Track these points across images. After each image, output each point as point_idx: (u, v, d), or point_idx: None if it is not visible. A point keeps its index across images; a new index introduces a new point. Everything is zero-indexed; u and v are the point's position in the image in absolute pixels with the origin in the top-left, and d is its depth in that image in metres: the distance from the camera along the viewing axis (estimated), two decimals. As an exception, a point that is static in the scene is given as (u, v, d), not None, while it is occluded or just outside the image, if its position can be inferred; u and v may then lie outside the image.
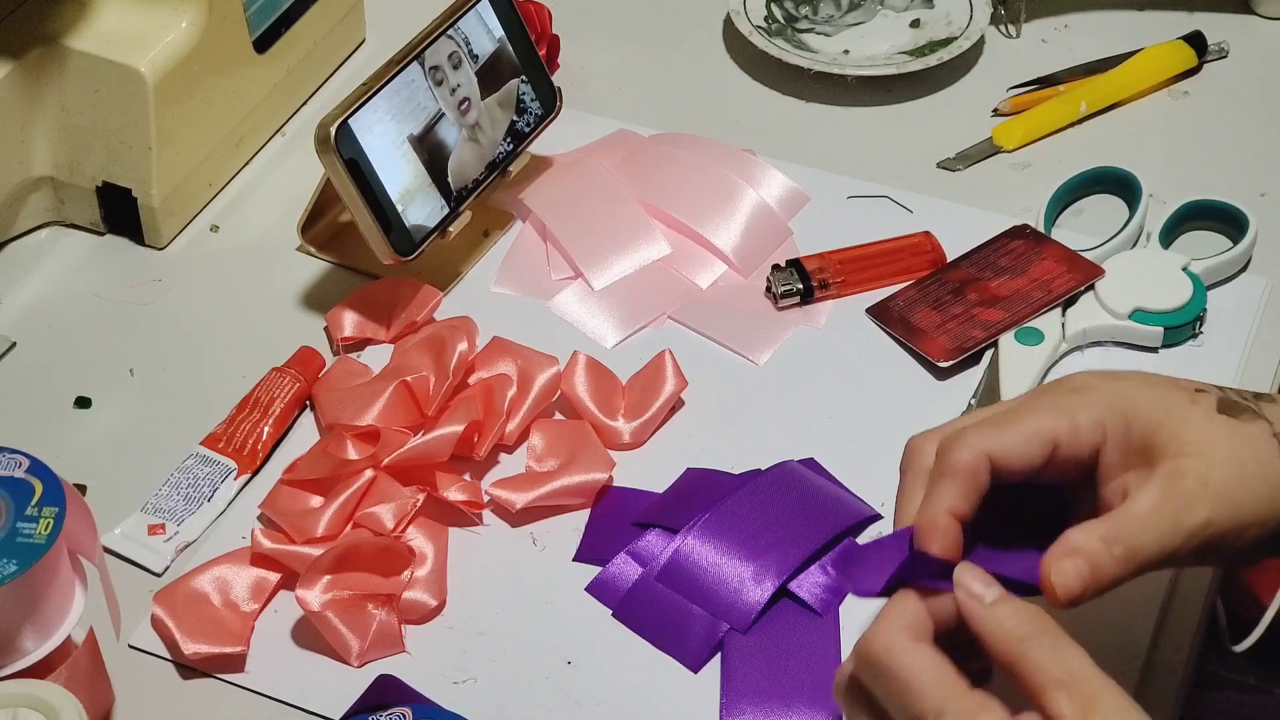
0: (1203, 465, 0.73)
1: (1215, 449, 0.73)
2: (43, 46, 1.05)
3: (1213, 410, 0.75)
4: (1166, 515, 0.72)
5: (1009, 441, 0.73)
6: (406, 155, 1.01)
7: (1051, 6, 1.27)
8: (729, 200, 1.09)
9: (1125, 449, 0.74)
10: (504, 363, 0.98)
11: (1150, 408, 0.74)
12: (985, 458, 0.73)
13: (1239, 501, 0.73)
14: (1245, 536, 0.74)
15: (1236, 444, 0.74)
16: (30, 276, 1.08)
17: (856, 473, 0.95)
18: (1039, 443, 0.73)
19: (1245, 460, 0.74)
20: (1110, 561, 0.71)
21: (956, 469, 0.73)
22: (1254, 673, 1.30)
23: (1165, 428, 0.74)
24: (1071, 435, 0.74)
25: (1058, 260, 1.04)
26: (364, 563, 0.88)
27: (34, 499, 0.77)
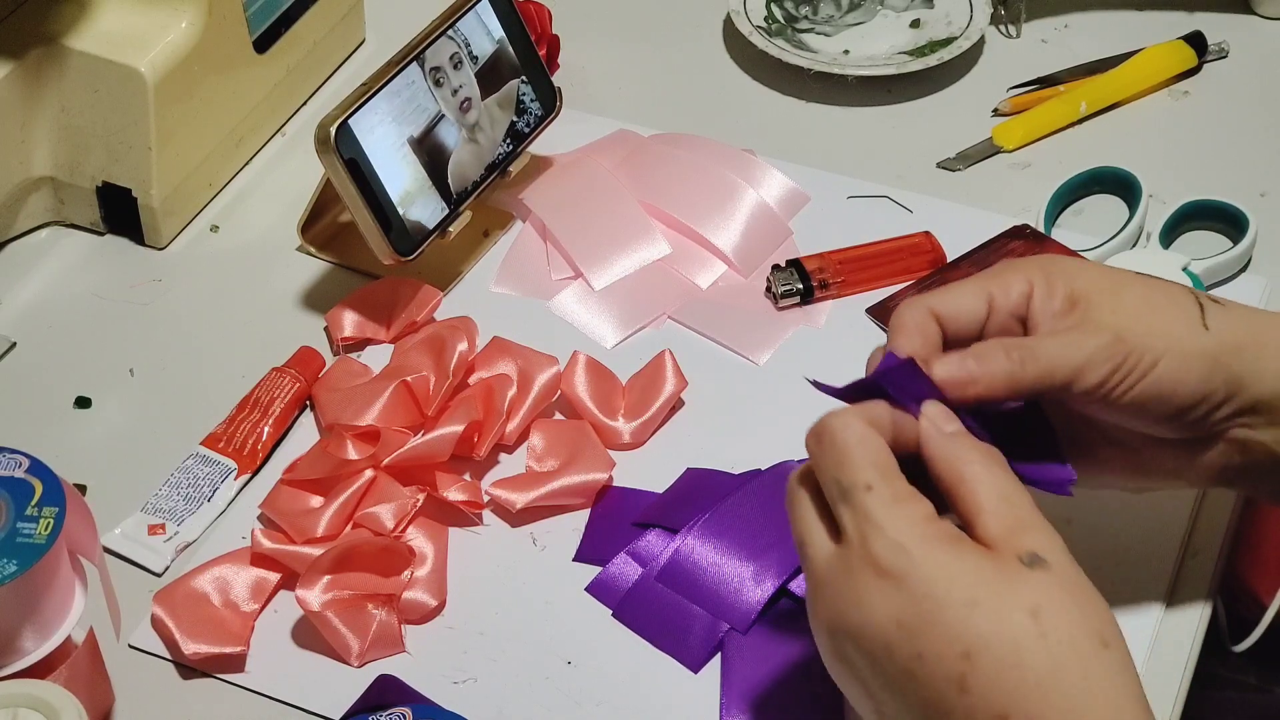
0: (1113, 299, 0.79)
1: (1129, 289, 0.80)
2: (43, 46, 1.05)
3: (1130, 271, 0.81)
4: (1072, 335, 0.78)
5: (949, 297, 0.79)
6: (407, 157, 1.02)
7: (1051, 6, 1.28)
8: (729, 200, 1.09)
9: (1049, 296, 0.79)
10: (504, 363, 0.98)
11: (1072, 266, 0.81)
12: (929, 312, 0.79)
13: (1150, 328, 0.78)
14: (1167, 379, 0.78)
15: (1150, 286, 0.80)
16: (30, 276, 1.08)
17: (856, 473, 0.95)
18: (974, 296, 0.80)
19: (1157, 298, 0.80)
20: (1004, 361, 0.76)
21: (907, 325, 0.78)
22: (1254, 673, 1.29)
23: (1084, 276, 0.80)
24: (1002, 290, 0.80)
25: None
26: (364, 563, 0.88)
27: (34, 499, 0.77)
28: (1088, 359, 0.77)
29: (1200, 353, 0.79)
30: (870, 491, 0.70)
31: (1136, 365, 0.78)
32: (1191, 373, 0.79)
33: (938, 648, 0.68)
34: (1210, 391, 0.79)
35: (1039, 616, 0.68)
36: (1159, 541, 0.92)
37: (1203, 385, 0.79)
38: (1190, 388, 0.79)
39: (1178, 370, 0.79)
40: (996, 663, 0.67)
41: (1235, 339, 0.80)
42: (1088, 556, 0.91)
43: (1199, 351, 0.79)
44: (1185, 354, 0.79)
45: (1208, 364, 0.79)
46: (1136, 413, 0.80)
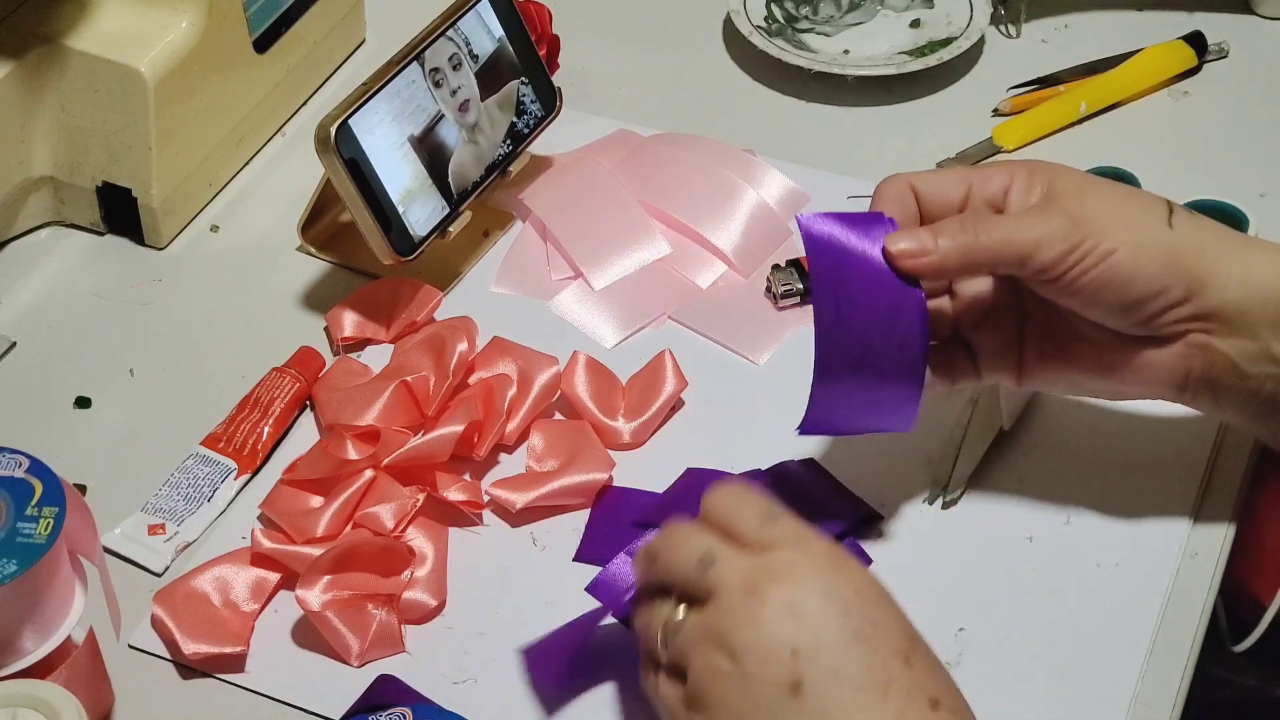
0: (1082, 193, 0.83)
1: (1101, 186, 0.83)
2: (43, 46, 1.05)
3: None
4: (1031, 214, 0.82)
5: (930, 177, 0.85)
6: (407, 156, 1.02)
7: (1051, 6, 1.27)
8: (729, 200, 1.09)
9: (1027, 191, 0.84)
10: (504, 363, 0.98)
11: (1055, 167, 0.85)
12: (909, 186, 0.85)
13: (1113, 219, 0.82)
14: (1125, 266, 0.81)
15: (1124, 190, 0.84)
16: (30, 276, 1.08)
17: (856, 473, 0.95)
18: (953, 181, 0.85)
19: (1126, 195, 0.83)
20: (959, 232, 0.82)
21: (886, 194, 0.85)
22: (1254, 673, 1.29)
23: (1063, 176, 0.84)
24: (982, 180, 0.84)
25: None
26: (364, 563, 0.88)
27: (34, 499, 0.77)
28: (1044, 235, 0.81)
29: (1160, 246, 0.82)
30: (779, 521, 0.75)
31: (1094, 249, 0.81)
32: (1149, 264, 0.81)
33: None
34: (1167, 286, 0.82)
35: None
36: (1159, 541, 0.92)
37: (1160, 278, 0.82)
38: (1147, 279, 0.81)
39: (1135, 259, 0.81)
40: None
41: (1199, 243, 0.82)
42: (1089, 557, 0.92)
43: (1159, 244, 0.82)
44: (1144, 245, 0.81)
45: (1166, 258, 0.81)
46: (1094, 300, 0.82)
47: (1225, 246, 0.83)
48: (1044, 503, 0.94)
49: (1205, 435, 0.97)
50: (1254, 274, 0.83)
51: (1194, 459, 0.95)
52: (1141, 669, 0.86)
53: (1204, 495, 0.94)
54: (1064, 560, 0.91)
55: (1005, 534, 0.92)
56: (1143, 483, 0.95)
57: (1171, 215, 0.83)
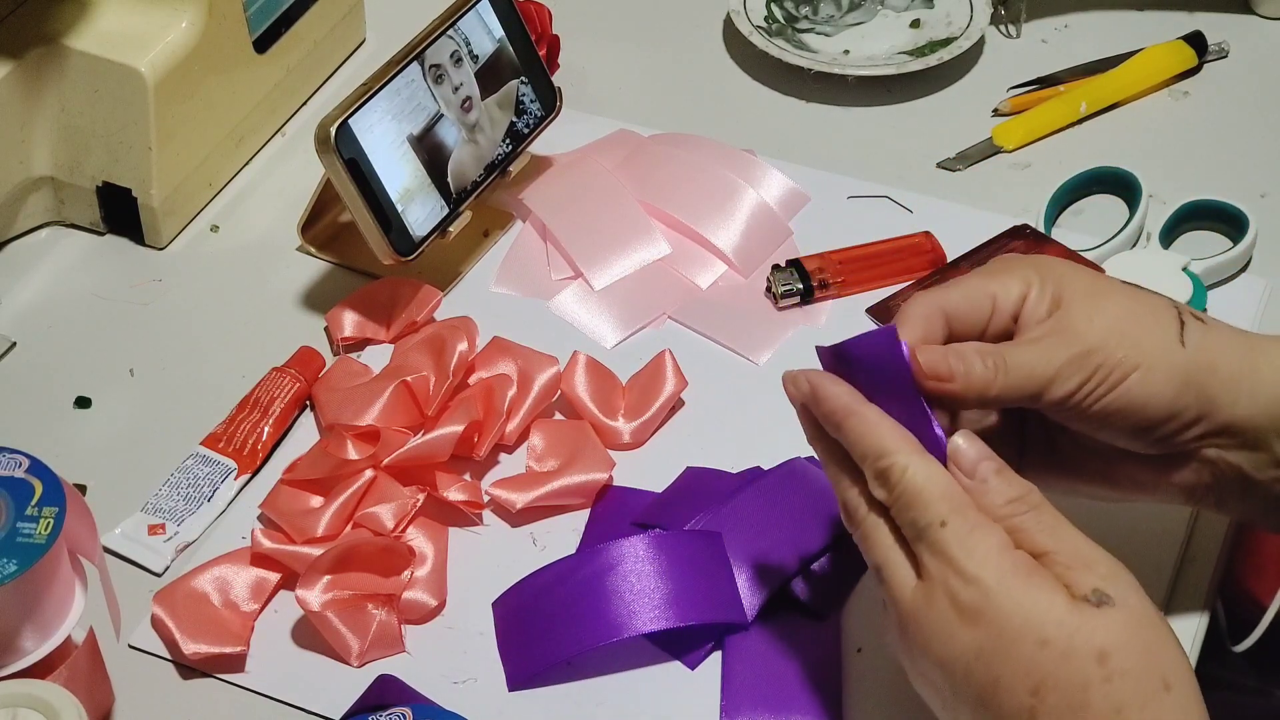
0: (1092, 306, 0.80)
1: (1111, 298, 0.80)
2: (43, 46, 1.05)
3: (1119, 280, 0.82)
4: (1044, 346, 0.79)
5: (957, 297, 0.81)
6: (406, 155, 1.02)
7: (1051, 6, 1.27)
8: (729, 200, 1.09)
9: (1039, 300, 0.81)
10: (504, 363, 0.98)
11: (1063, 269, 0.82)
12: (940, 310, 0.80)
13: (1125, 340, 0.79)
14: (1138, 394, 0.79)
15: (1133, 297, 0.81)
16: (30, 276, 1.08)
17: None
18: (980, 296, 0.81)
19: (1138, 310, 0.80)
20: (980, 367, 0.78)
21: (914, 317, 0.80)
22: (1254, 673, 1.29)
23: (1070, 280, 0.81)
24: (1004, 291, 0.81)
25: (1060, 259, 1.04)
26: (364, 563, 0.88)
27: (34, 499, 0.77)
28: (1057, 372, 0.78)
29: (1173, 370, 0.79)
30: (945, 528, 0.73)
31: (1106, 378, 0.79)
32: (1163, 389, 0.79)
33: (1011, 681, 0.71)
34: (1181, 409, 0.80)
35: (1105, 660, 0.70)
36: (1159, 545, 0.92)
37: (1174, 403, 0.79)
38: (1161, 404, 0.79)
39: (1149, 385, 0.79)
40: (1062, 702, 0.70)
41: (1210, 359, 0.80)
42: (1088, 557, 0.91)
43: (1171, 368, 0.79)
44: (1157, 370, 0.79)
45: (1179, 382, 0.79)
46: (1105, 424, 0.80)
47: (1235, 358, 0.81)
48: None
49: (1205, 435, 0.97)
50: (1263, 385, 0.81)
51: (1194, 459, 0.95)
52: (1141, 669, 0.86)
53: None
54: (1064, 560, 0.91)
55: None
56: (1143, 483, 0.94)
57: (1183, 330, 0.81)
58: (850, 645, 0.87)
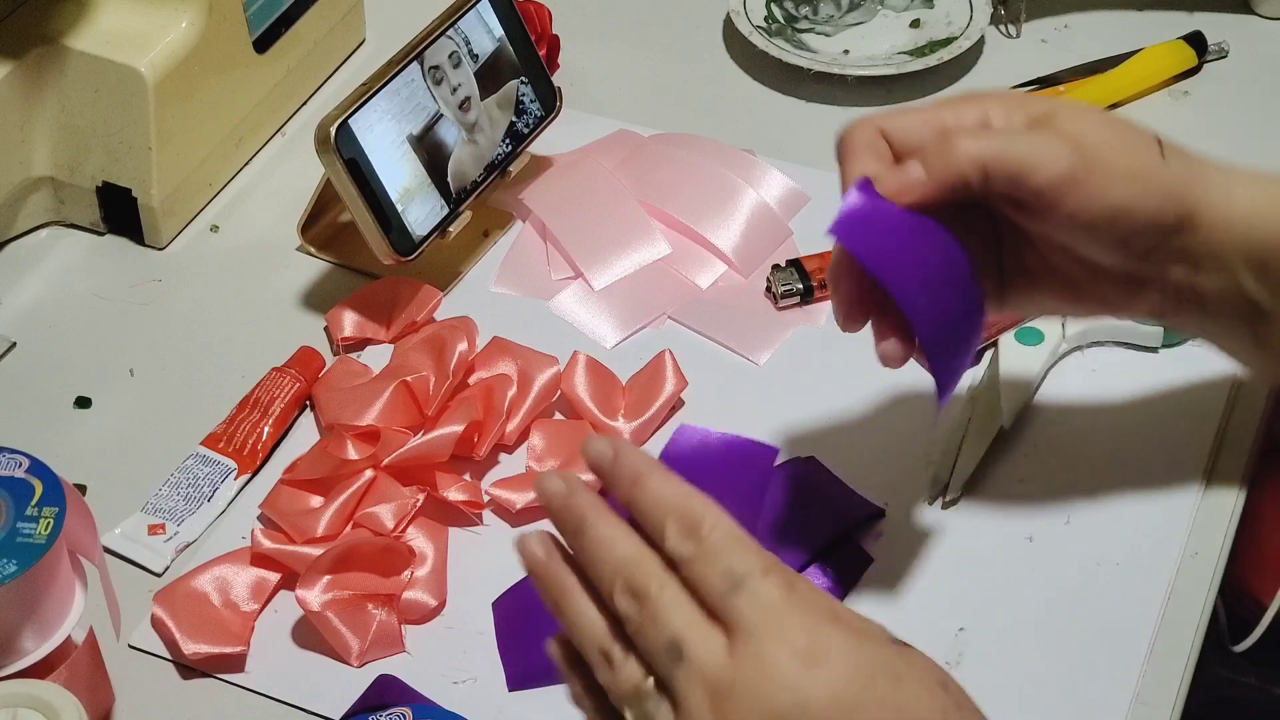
0: (1076, 118, 0.79)
1: (1093, 115, 0.81)
2: (43, 46, 1.05)
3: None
4: (1026, 134, 0.79)
5: (898, 119, 0.81)
6: (406, 155, 1.02)
7: (1051, 6, 1.27)
8: (729, 200, 1.09)
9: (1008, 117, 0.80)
10: (504, 363, 0.98)
11: (1032, 98, 0.82)
12: (877, 130, 0.81)
13: (1113, 146, 0.79)
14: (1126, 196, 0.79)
15: (1113, 119, 0.81)
16: (30, 276, 1.08)
17: (857, 472, 0.95)
18: (924, 118, 0.81)
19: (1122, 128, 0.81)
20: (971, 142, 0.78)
21: (858, 143, 0.81)
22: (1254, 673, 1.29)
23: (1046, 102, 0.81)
24: (955, 115, 0.81)
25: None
26: (364, 563, 0.88)
27: (34, 499, 0.77)
28: (1045, 153, 0.78)
29: (1158, 181, 0.80)
30: (768, 575, 0.65)
31: (1092, 177, 0.78)
32: (1150, 197, 0.80)
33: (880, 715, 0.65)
34: (1163, 220, 0.80)
35: (948, 688, 0.67)
36: (1159, 542, 0.92)
37: (1157, 214, 0.80)
38: (1145, 212, 0.80)
39: (1138, 190, 0.80)
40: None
41: (1190, 174, 0.81)
42: (1089, 557, 0.92)
43: (1157, 179, 0.80)
44: (1146, 177, 0.80)
45: (1163, 194, 0.80)
46: (1091, 231, 0.80)
47: (1210, 179, 0.82)
48: (1044, 503, 0.94)
49: (1206, 435, 0.97)
50: (1236, 212, 0.81)
51: (1194, 459, 0.95)
52: (1141, 669, 0.86)
53: (1204, 495, 0.94)
54: (1064, 560, 0.91)
55: (1005, 534, 0.92)
56: (1143, 483, 0.95)
57: (1163, 149, 0.81)
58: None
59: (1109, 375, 1.00)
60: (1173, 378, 1.00)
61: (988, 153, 0.78)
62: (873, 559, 0.91)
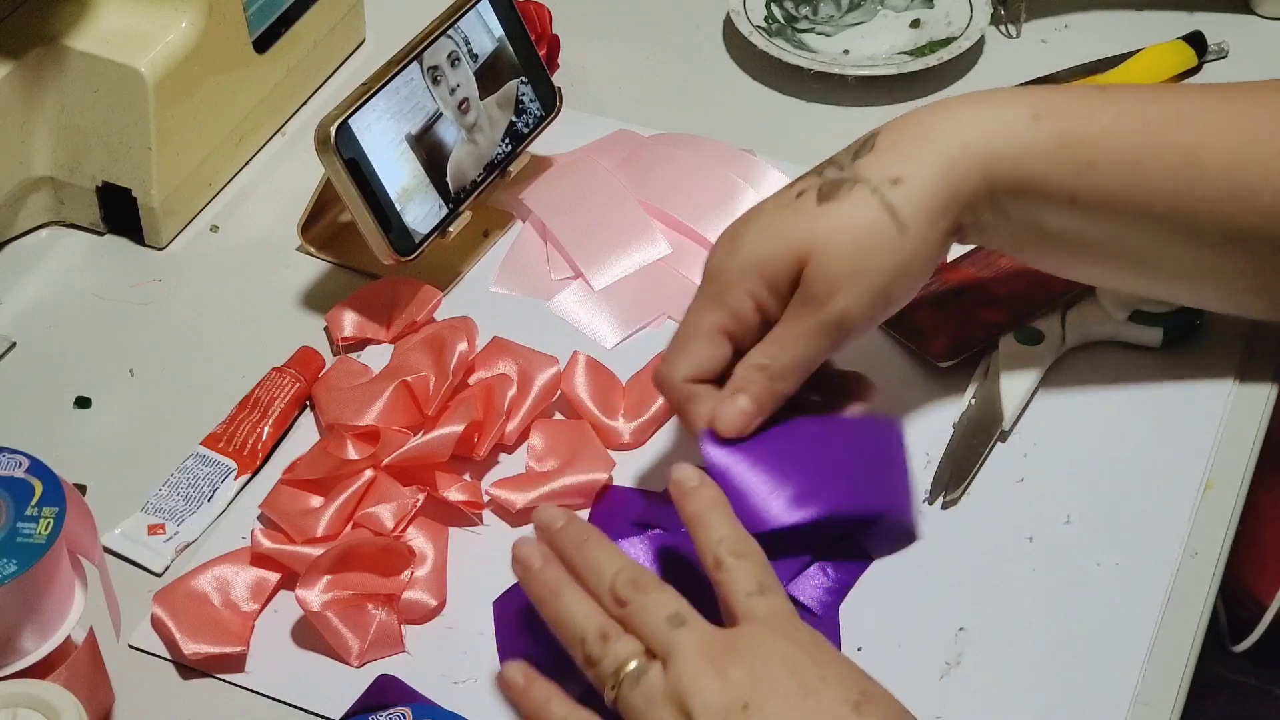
0: (824, 265, 0.85)
1: (830, 244, 0.85)
2: (43, 46, 1.05)
3: (814, 206, 0.87)
4: (806, 323, 0.86)
5: (696, 357, 0.88)
6: (404, 154, 1.02)
7: (1051, 6, 1.28)
8: (729, 200, 1.09)
9: (777, 295, 0.87)
10: (504, 363, 0.98)
11: (772, 253, 0.87)
12: (689, 381, 0.88)
13: (864, 284, 0.85)
14: (894, 303, 0.88)
15: (844, 227, 0.86)
16: (30, 276, 1.08)
17: (856, 473, 0.95)
18: (715, 343, 0.88)
19: (860, 238, 0.85)
20: (768, 386, 0.86)
21: (679, 397, 0.89)
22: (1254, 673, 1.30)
23: (790, 256, 0.86)
24: (735, 321, 0.88)
25: (1058, 260, 1.04)
26: (364, 563, 0.88)
27: (34, 499, 0.77)
28: (832, 337, 0.86)
29: (909, 259, 0.86)
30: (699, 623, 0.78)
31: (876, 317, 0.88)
32: (915, 279, 0.88)
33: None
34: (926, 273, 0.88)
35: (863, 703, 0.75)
36: (1159, 541, 0.92)
37: (924, 272, 0.88)
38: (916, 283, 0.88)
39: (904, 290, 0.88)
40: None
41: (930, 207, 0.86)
42: (1089, 557, 0.92)
43: (907, 258, 0.86)
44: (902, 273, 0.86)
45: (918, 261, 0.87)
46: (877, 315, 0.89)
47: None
48: (1044, 503, 0.94)
49: (1206, 435, 0.97)
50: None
51: (1194, 459, 0.95)
52: (1141, 669, 0.86)
53: (1204, 495, 0.94)
54: (1064, 560, 0.91)
55: (1005, 534, 0.92)
56: (1143, 483, 0.95)
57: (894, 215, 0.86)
58: (850, 645, 0.87)
59: (1109, 375, 1.00)
60: (1173, 378, 1.00)
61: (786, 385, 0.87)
62: (873, 559, 0.91)
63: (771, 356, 0.86)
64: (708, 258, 0.90)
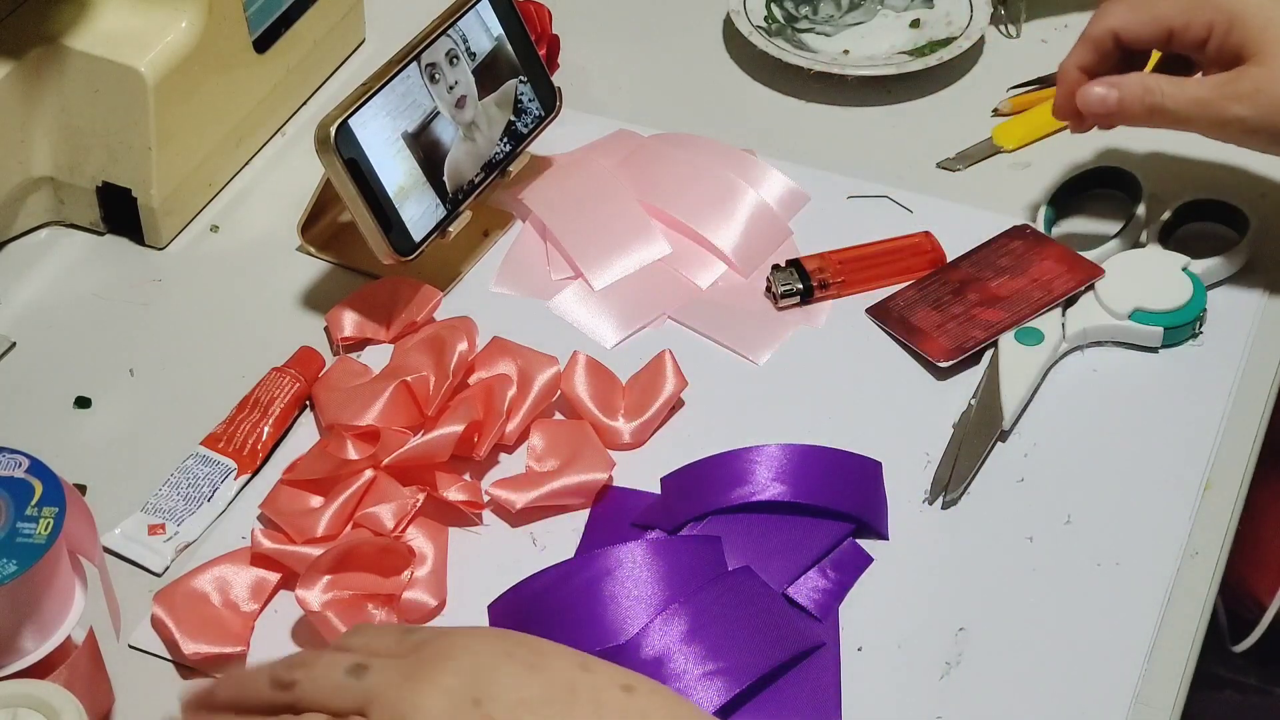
0: (1266, 74, 0.94)
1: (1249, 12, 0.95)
2: (43, 46, 1.05)
3: None
4: (1208, 99, 0.95)
5: (1133, 23, 0.99)
6: (400, 152, 1.01)
7: (1051, 6, 1.28)
8: (729, 200, 1.09)
9: (1223, 47, 0.96)
10: (504, 363, 0.98)
11: (1254, 14, 0.95)
12: (1111, 33, 0.99)
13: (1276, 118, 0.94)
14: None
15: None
16: (30, 276, 1.08)
17: (856, 473, 0.95)
18: (1157, 28, 0.99)
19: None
20: (1136, 101, 0.97)
21: (1089, 36, 1.00)
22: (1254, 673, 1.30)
23: (1256, 31, 0.94)
24: (1184, 29, 0.98)
25: (1058, 260, 1.04)
26: (364, 563, 0.88)
27: (34, 499, 0.77)
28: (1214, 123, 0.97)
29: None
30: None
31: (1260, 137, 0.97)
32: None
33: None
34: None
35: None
36: (1159, 541, 0.92)
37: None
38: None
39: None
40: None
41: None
42: (1089, 557, 0.92)
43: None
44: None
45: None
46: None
47: None
48: (1044, 503, 0.94)
49: (1206, 435, 0.97)
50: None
51: (1194, 459, 0.96)
52: (1141, 669, 0.86)
53: (1204, 495, 0.94)
54: (1064, 560, 0.91)
55: (1005, 534, 0.92)
56: (1143, 483, 0.95)
57: None
58: (850, 645, 0.87)
59: (1109, 375, 1.01)
60: (1173, 378, 1.00)
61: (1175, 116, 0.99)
62: (872, 559, 0.91)
63: (1168, 94, 0.96)
64: None
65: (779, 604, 0.87)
